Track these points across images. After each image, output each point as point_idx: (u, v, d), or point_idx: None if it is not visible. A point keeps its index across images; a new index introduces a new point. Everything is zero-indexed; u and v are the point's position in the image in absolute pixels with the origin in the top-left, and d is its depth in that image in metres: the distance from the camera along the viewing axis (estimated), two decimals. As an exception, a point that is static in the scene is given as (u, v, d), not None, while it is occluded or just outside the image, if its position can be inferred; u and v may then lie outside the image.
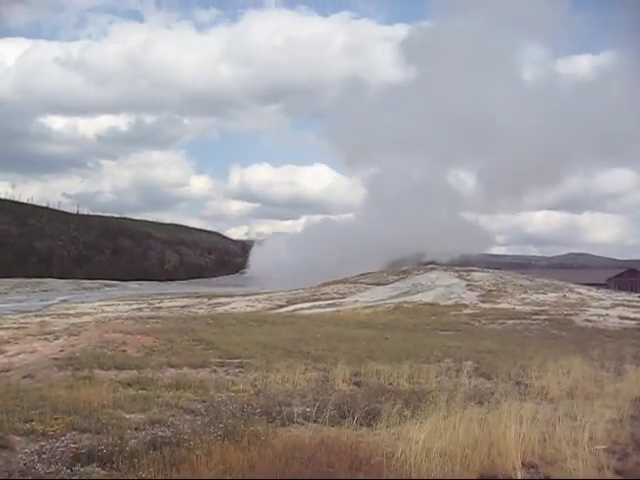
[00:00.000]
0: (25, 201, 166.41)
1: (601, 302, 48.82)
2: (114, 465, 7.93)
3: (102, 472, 7.76)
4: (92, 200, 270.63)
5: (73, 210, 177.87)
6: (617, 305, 46.46)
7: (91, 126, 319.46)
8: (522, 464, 8.07)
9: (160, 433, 9.40)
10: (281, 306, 54.19)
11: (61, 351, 19.44)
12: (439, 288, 58.93)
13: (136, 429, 9.88)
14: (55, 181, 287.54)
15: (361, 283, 66.91)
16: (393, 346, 23.17)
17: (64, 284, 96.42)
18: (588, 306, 45.99)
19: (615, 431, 10.02)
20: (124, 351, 19.73)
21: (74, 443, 8.79)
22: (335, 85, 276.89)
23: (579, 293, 55.86)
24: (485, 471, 7.94)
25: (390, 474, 7.67)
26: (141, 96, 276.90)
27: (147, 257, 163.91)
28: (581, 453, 8.23)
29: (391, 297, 56.58)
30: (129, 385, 13.94)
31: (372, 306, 50.27)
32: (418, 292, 57.93)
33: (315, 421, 10.52)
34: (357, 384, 14.99)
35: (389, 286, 63.80)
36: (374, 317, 41.70)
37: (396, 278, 67.48)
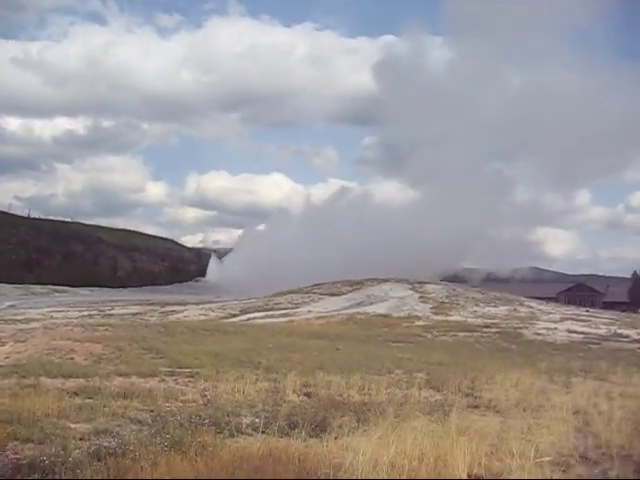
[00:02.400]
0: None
1: (550, 316, 49.62)
2: (56, 476, 7.77)
3: (43, 483, 7.61)
4: (45, 204, 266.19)
5: (24, 213, 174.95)
6: (566, 319, 47.29)
7: (47, 128, 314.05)
8: (468, 476, 8.11)
9: (105, 443, 9.23)
10: (234, 315, 53.99)
11: (6, 358, 19.10)
12: (392, 300, 59.26)
13: (81, 439, 9.71)
14: (7, 183, 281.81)
15: (315, 293, 66.94)
16: (345, 357, 23.20)
17: (12, 289, 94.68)
18: (538, 320, 46.74)
19: (560, 443, 10.14)
20: (72, 359, 19.46)
21: (15, 454, 8.60)
22: (297, 94, 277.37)
23: (529, 307, 56.67)
24: (432, 482, 7.97)
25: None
26: (100, 99, 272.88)
27: (99, 263, 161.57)
28: (527, 465, 8.31)
29: (344, 308, 56.73)
30: (75, 394, 13.71)
31: (325, 317, 50.35)
32: (371, 303, 58.17)
33: (264, 432, 10.45)
34: (307, 395, 14.95)
35: (343, 297, 63.94)
36: (327, 328, 41.77)
37: (350, 289, 67.64)
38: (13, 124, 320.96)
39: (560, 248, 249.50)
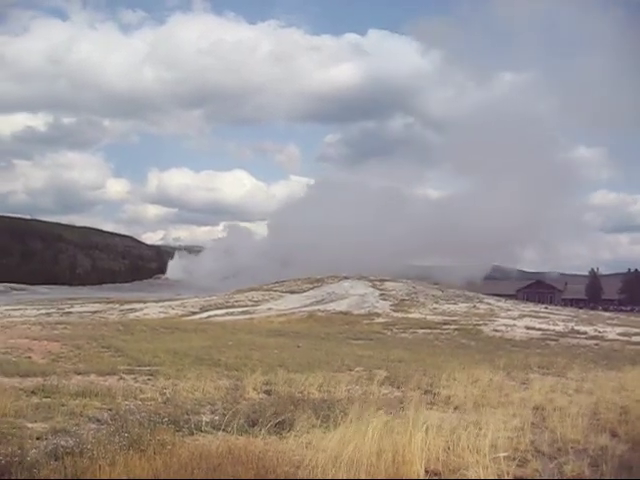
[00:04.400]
0: None
1: (509, 313, 50.21)
2: (12, 476, 7.69)
3: (-1, 483, 7.52)
4: (4, 201, 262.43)
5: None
6: (524, 316, 47.88)
7: (6, 124, 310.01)
8: (426, 471, 8.19)
9: (63, 443, 9.15)
10: (194, 313, 53.77)
11: (-38, 357, 18.80)
12: (353, 297, 59.48)
13: (38, 439, 9.60)
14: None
15: (275, 291, 66.94)
16: (305, 354, 23.26)
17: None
18: (497, 316, 47.24)
19: (517, 438, 10.29)
20: (29, 357, 19.24)
21: (-30, 453, 8.49)
22: (260, 92, 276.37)
23: (489, 304, 57.31)
24: (389, 478, 8.03)
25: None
26: (61, 96, 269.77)
27: (58, 261, 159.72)
28: (483, 460, 8.41)
29: (305, 305, 56.82)
30: (33, 393, 13.55)
31: (285, 314, 50.39)
32: (332, 301, 58.33)
33: (224, 430, 10.43)
34: (268, 392, 14.96)
35: (303, 294, 64.04)
36: (287, 325, 41.81)
37: (310, 287, 67.75)
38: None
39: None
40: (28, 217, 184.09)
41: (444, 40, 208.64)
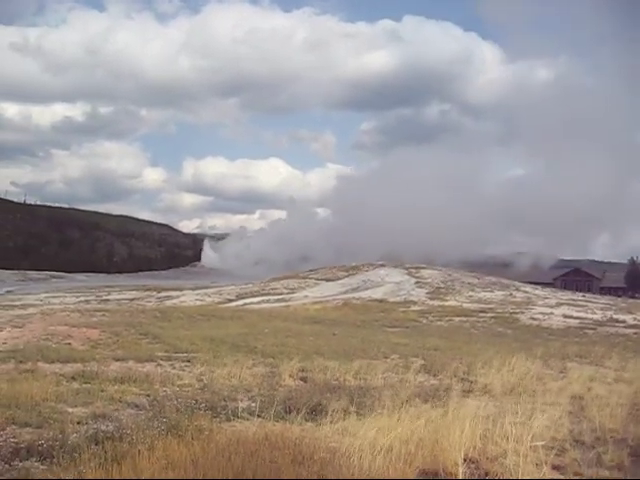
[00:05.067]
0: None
1: (546, 301, 49.72)
2: (54, 460, 7.81)
3: (42, 467, 7.64)
4: (42, 190, 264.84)
5: (20, 199, 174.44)
6: (562, 304, 47.38)
7: (45, 114, 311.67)
8: (464, 459, 8.16)
9: (102, 427, 9.28)
10: (230, 300, 54.02)
11: (4, 343, 19.08)
12: (388, 285, 59.35)
13: (78, 423, 9.74)
14: (4, 169, 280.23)
15: (311, 278, 67.01)
16: (341, 342, 23.28)
17: (9, 275, 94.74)
18: (534, 305, 46.81)
19: (555, 427, 10.21)
20: (69, 344, 19.47)
21: (13, 437, 8.64)
22: (295, 80, 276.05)
23: (525, 292, 56.77)
24: (426, 466, 8.03)
25: (333, 469, 7.69)
26: (98, 86, 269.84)
27: (95, 249, 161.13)
28: (521, 449, 8.36)
29: (340, 293, 56.83)
30: (73, 378, 13.74)
31: (321, 302, 50.40)
32: (367, 288, 58.27)
33: (260, 416, 10.51)
34: (304, 379, 15.01)
35: (338, 282, 64.04)
36: (323, 313, 41.83)
37: (346, 274, 67.75)
38: (11, 110, 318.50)
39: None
40: (66, 206, 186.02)
41: (482, 24, 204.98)
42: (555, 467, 8.46)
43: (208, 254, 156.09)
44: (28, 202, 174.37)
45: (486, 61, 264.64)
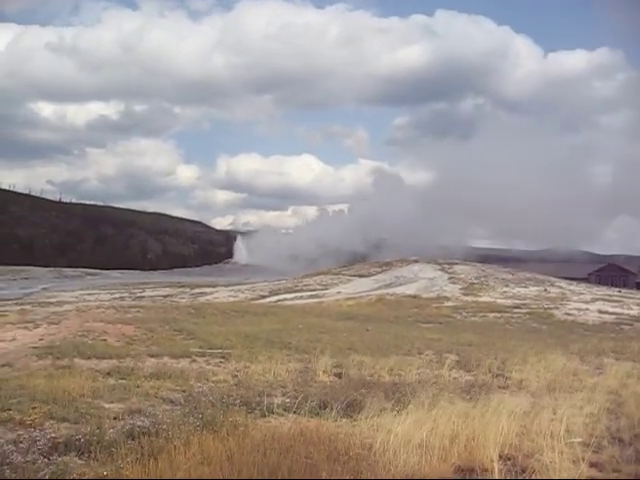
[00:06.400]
0: (7, 188, 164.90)
1: (581, 296, 49.17)
2: (92, 455, 7.90)
3: (79, 462, 7.73)
4: (77, 188, 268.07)
5: (55, 198, 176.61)
6: (597, 299, 46.82)
7: (80, 113, 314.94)
8: (499, 456, 8.10)
9: (139, 423, 9.36)
10: (264, 296, 54.23)
11: (41, 340, 19.32)
12: (422, 280, 59.14)
13: (115, 419, 9.84)
14: (40, 168, 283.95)
15: (344, 275, 67.00)
16: (375, 338, 23.23)
17: (45, 272, 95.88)
18: (568, 300, 46.32)
19: (592, 424, 10.10)
20: (105, 340, 19.65)
21: (52, 432, 8.75)
22: (329, 76, 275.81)
23: (560, 287, 56.20)
24: (462, 463, 7.98)
25: (368, 465, 7.68)
26: (132, 84, 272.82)
27: (129, 246, 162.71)
28: (558, 446, 8.28)
29: (373, 289, 56.72)
30: (109, 374, 13.87)
31: (354, 298, 50.36)
32: (401, 284, 58.11)
33: (295, 412, 10.51)
34: (338, 375, 15.00)
35: (371, 278, 63.95)
36: (356, 309, 41.79)
37: (379, 270, 67.65)
38: (47, 110, 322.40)
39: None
40: (101, 204, 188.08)
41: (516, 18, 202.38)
42: (593, 464, 8.35)
43: (240, 251, 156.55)
44: (63, 200, 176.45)
45: (521, 54, 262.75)
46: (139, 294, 56.81)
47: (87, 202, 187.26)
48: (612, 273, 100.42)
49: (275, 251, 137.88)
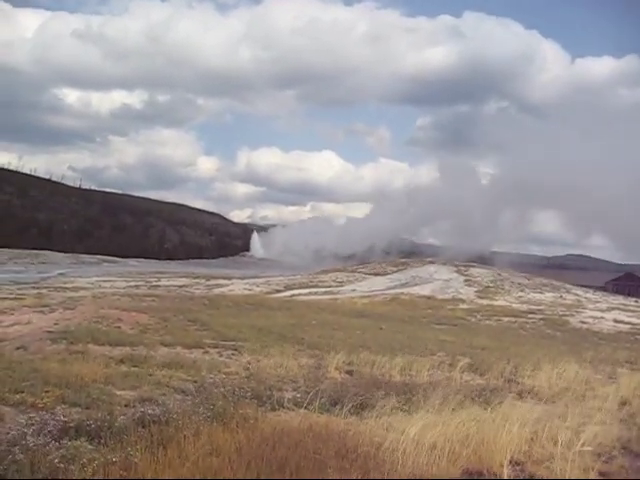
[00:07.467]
0: (28, 172, 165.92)
1: (597, 305, 48.91)
2: (102, 440, 7.93)
3: (89, 447, 7.76)
4: (98, 175, 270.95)
5: (76, 184, 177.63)
6: (613, 308, 46.56)
7: (104, 101, 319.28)
8: (509, 462, 8.07)
9: (149, 411, 9.37)
10: (278, 291, 54.30)
11: (56, 324, 19.45)
12: (437, 282, 59.03)
13: (126, 406, 9.88)
14: (63, 154, 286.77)
15: (359, 272, 66.99)
16: (388, 337, 23.22)
17: (63, 257, 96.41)
18: (584, 308, 46.11)
19: (603, 433, 10.02)
20: (119, 327, 19.76)
21: (63, 416, 8.79)
22: (354, 73, 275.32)
23: (576, 294, 55.96)
24: (471, 466, 7.95)
25: (377, 464, 7.67)
26: (157, 74, 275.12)
27: (147, 235, 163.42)
28: (568, 454, 8.24)
29: (389, 288, 56.68)
30: (122, 362, 13.95)
31: (369, 296, 50.36)
32: (416, 284, 58.03)
33: (305, 407, 10.52)
34: (349, 373, 15.00)
35: (387, 277, 63.94)
36: (370, 307, 41.79)
37: (395, 269, 67.62)
38: (71, 96, 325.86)
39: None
40: (120, 192, 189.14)
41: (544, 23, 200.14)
42: (602, 474, 8.29)
43: (256, 245, 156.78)
44: (83, 187, 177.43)
45: (548, 59, 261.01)
46: (155, 283, 57.02)
47: (107, 190, 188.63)
48: (629, 282, 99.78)
49: (303, 246, 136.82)
